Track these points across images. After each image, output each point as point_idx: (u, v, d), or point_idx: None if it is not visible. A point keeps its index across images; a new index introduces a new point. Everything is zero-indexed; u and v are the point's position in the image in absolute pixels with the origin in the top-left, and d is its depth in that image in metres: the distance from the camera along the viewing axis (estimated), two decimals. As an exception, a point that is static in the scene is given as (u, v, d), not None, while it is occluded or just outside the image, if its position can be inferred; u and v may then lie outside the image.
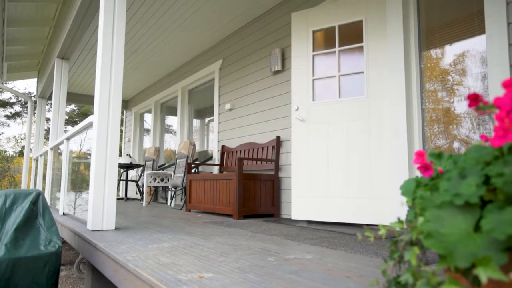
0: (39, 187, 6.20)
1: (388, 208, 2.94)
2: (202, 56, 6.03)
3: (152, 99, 7.82)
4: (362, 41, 3.25)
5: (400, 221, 0.76)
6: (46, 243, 1.92)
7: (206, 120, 6.42)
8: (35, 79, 7.93)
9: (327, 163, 3.29)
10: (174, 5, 4.46)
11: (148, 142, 8.46)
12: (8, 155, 18.36)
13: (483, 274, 0.53)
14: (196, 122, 6.71)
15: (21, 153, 18.74)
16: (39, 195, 2.15)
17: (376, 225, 3.02)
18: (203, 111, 6.48)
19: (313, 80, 3.48)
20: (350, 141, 3.19)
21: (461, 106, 2.74)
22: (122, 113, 9.50)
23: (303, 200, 3.40)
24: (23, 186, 7.80)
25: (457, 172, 0.66)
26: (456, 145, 2.77)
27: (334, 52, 3.41)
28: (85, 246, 2.30)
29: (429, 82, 2.93)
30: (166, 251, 1.84)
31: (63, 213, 3.82)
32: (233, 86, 5.13)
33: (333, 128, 3.30)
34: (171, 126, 7.90)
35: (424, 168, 0.80)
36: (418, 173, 2.81)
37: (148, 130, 8.56)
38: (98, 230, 2.49)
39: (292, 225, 3.14)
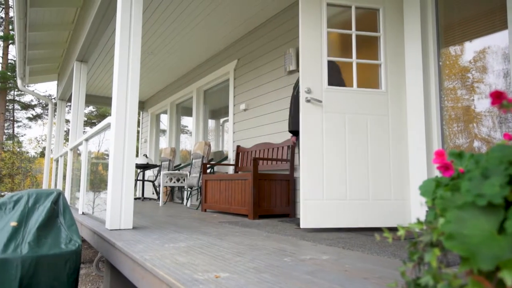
0: (59, 187, 6.37)
1: (406, 209, 2.89)
2: (217, 57, 6.07)
3: (168, 100, 7.91)
4: (378, 31, 3.05)
5: (419, 222, 0.74)
6: (67, 242, 1.97)
7: (221, 120, 6.45)
8: (55, 82, 8.15)
9: (345, 161, 2.88)
10: (189, 7, 4.50)
11: (164, 142, 8.57)
12: (30, 156, 18.93)
13: (508, 277, 0.51)
14: (211, 123, 6.75)
15: (42, 154, 19.29)
16: (60, 194, 2.21)
17: (394, 227, 2.97)
18: (218, 112, 6.52)
19: (328, 61, 2.99)
20: (370, 138, 2.92)
21: (481, 104, 2.66)
22: (139, 114, 9.64)
23: (315, 204, 2.85)
24: (45, 186, 8.02)
25: (480, 172, 0.64)
26: (476, 144, 2.70)
27: (351, 35, 3.05)
28: (104, 245, 2.34)
29: (448, 80, 2.87)
30: (183, 250, 1.85)
31: (83, 213, 3.91)
32: (248, 86, 5.14)
33: (351, 120, 2.91)
34: (187, 126, 7.98)
35: (444, 167, 0.78)
36: (436, 173, 2.74)
37: (164, 131, 8.67)
38: (116, 229, 2.54)
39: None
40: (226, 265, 1.53)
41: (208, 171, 5.51)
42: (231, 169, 5.26)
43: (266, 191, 3.79)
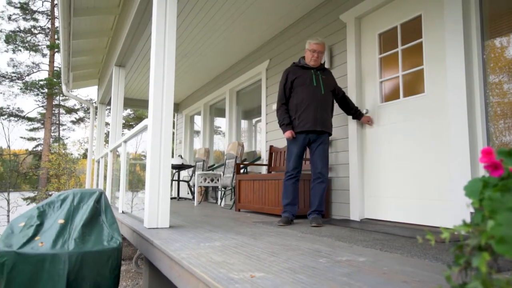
0: (100, 186, 6.69)
1: (448, 210, 2.75)
2: (249, 57, 6.10)
3: (201, 101, 8.07)
4: (421, 37, 3.12)
5: (466, 224, 0.70)
6: (109, 239, 2.06)
7: (254, 120, 6.48)
8: (96, 87, 8.57)
9: (392, 164, 3.31)
10: (221, 9, 4.56)
11: (198, 143, 8.75)
12: (74, 157, 20.02)
13: None
14: (244, 123, 6.80)
15: (84, 156, 20.33)
16: (102, 194, 2.32)
17: (433, 226, 2.84)
18: (250, 112, 6.55)
19: (380, 82, 3.51)
20: (414, 141, 3.12)
21: (532, 99, 2.48)
22: (174, 116, 9.91)
23: (367, 200, 3.44)
24: (87, 186, 8.45)
25: (534, 171, 0.60)
26: (526, 141, 2.51)
27: (397, 52, 3.36)
28: (142, 243, 2.43)
29: (493, 74, 2.70)
30: (218, 249, 1.88)
31: (122, 211, 4.07)
32: (280, 86, 5.11)
33: (397, 128, 3.28)
34: (220, 127, 8.09)
35: (493, 167, 0.73)
36: (481, 174, 2.59)
37: (198, 132, 8.85)
38: (154, 228, 2.62)
39: (342, 226, 3.06)
40: (261, 264, 1.53)
41: (242, 171, 5.55)
42: (264, 169, 5.27)
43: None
